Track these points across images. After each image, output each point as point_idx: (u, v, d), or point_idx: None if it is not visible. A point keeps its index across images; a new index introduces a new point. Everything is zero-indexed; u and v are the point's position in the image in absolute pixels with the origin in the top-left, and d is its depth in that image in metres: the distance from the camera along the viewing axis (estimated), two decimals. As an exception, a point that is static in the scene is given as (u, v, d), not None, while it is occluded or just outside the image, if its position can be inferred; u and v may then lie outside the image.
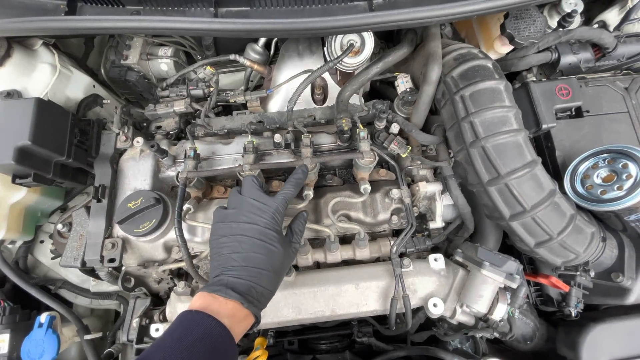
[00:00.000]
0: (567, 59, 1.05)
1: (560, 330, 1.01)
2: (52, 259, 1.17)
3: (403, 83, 1.07)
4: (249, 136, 1.01)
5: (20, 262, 1.16)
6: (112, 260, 0.91)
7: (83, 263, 0.98)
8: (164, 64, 1.36)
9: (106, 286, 1.21)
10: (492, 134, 0.82)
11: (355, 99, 1.11)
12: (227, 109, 1.36)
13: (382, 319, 1.20)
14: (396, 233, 1.09)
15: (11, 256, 1.17)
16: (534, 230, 0.83)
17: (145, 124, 1.34)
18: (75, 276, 1.25)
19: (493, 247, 1.06)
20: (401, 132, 1.03)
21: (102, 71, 1.27)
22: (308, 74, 1.03)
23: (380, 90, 1.34)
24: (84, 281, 1.25)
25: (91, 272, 1.05)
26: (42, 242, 1.21)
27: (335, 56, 1.04)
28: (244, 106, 1.27)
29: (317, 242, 1.04)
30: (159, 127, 1.12)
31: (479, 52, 0.95)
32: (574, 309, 0.95)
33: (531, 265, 1.09)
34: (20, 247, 1.15)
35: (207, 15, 0.86)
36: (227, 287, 0.66)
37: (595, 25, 1.18)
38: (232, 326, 0.63)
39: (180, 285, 0.89)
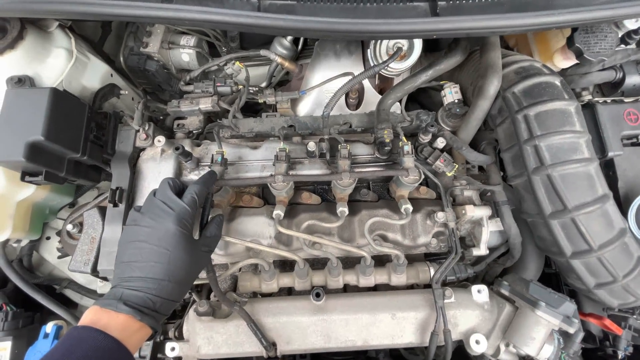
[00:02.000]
0: (632, 80, 0.96)
1: (603, 371, 0.95)
2: (59, 257, 1.10)
3: (451, 93, 0.98)
4: (281, 142, 0.92)
5: (25, 260, 1.08)
6: (127, 272, 0.83)
7: (94, 269, 0.90)
8: (185, 54, 1.27)
9: (114, 288, 1.14)
10: (561, 162, 0.73)
11: (394, 107, 1.02)
12: (245, 107, 1.26)
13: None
14: (428, 255, 1.01)
15: (15, 253, 1.09)
16: (597, 271, 0.75)
17: (161, 117, 1.26)
18: (81, 276, 1.17)
19: (533, 277, 0.99)
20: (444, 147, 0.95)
21: (121, 59, 1.17)
22: (349, 78, 0.93)
23: (414, 95, 1.25)
24: (91, 282, 1.18)
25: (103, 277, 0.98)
26: (48, 238, 1.13)
27: (381, 60, 0.95)
28: (266, 105, 1.17)
29: (348, 262, 0.96)
30: (180, 125, 1.02)
31: (542, 67, 0.86)
32: (623, 351, 0.87)
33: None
34: (25, 245, 1.08)
35: (247, 6, 0.76)
36: (120, 300, 0.61)
37: (657, 43, 1.09)
38: (124, 338, 0.59)
39: (202, 304, 0.82)
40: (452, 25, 0.69)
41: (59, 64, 0.95)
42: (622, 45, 1.00)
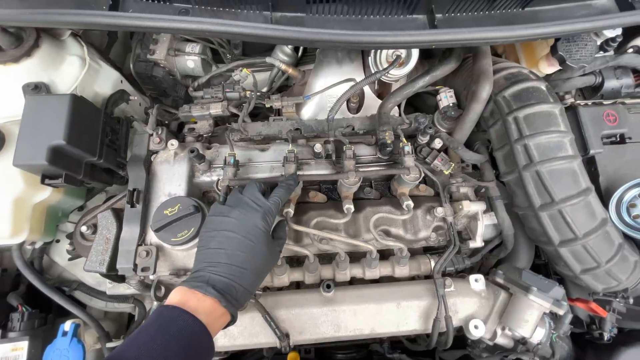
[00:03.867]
0: (611, 84, 1.05)
1: (590, 352, 1.02)
2: (70, 259, 1.12)
3: (446, 98, 1.05)
4: (290, 144, 0.98)
5: (36, 262, 1.10)
6: (145, 269, 0.87)
7: (109, 268, 0.93)
8: (191, 61, 1.31)
9: (123, 289, 1.17)
10: (548, 159, 0.81)
11: (393, 110, 1.09)
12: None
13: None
14: (427, 249, 1.08)
15: (25, 256, 1.11)
16: (582, 258, 0.83)
17: (166, 122, 1.30)
18: (91, 278, 1.20)
19: (525, 267, 1.06)
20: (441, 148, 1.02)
21: (130, 66, 1.21)
22: (352, 84, 1.00)
23: (409, 99, 1.32)
24: (100, 283, 1.20)
25: (115, 277, 1.01)
26: (57, 241, 1.15)
27: (381, 67, 1.02)
28: (266, 109, 1.22)
29: (352, 257, 1.02)
30: (192, 129, 1.07)
31: (529, 73, 0.94)
32: (608, 333, 0.95)
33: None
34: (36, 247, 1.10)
35: (260, 19, 0.82)
36: (208, 284, 0.65)
37: (630, 50, 1.18)
38: (209, 323, 0.63)
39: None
40: (449, 36, 0.76)
41: (72, 71, 0.99)
42: (602, 52, 1.10)
